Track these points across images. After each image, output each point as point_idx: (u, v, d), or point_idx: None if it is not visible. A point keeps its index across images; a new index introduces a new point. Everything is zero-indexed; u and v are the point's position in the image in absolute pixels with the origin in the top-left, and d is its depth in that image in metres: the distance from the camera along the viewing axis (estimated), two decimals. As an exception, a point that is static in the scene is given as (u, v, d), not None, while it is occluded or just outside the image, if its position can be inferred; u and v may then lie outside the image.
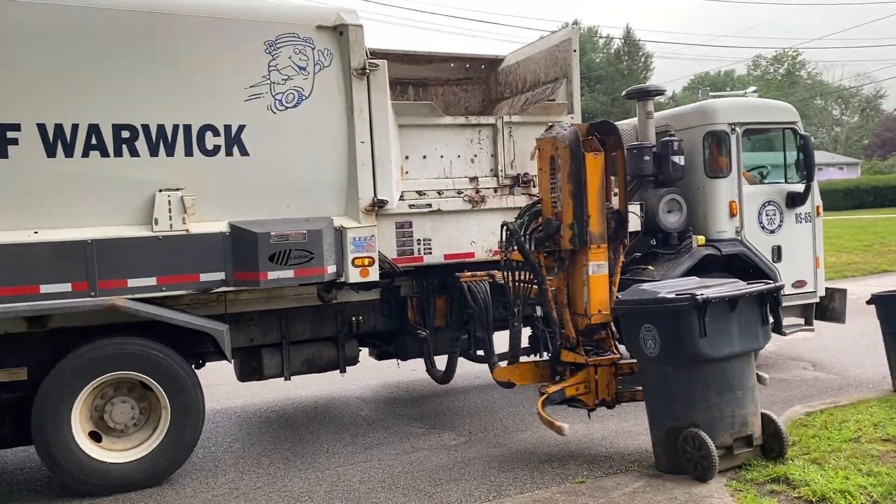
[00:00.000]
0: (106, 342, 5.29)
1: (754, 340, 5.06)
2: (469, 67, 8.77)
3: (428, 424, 6.84)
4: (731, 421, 4.96)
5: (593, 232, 5.60)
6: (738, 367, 4.98)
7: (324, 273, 5.73)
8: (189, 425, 5.48)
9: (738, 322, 4.93)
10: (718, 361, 4.89)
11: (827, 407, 6.40)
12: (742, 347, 4.97)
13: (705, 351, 4.82)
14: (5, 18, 4.96)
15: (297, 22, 5.82)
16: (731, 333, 4.89)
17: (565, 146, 5.59)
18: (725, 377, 4.92)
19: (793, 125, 7.98)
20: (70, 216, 5.18)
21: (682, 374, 4.96)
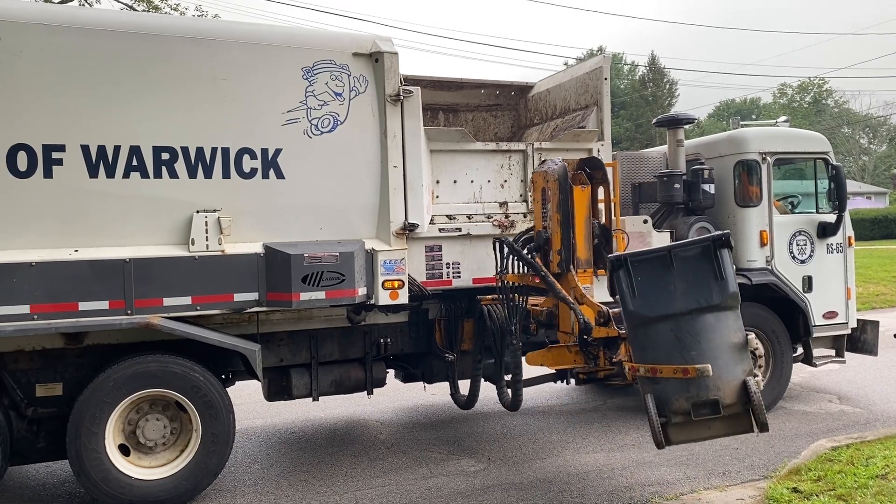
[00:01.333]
0: (150, 358, 5.38)
1: (706, 297, 4.71)
2: (499, 94, 8.86)
3: (447, 450, 6.83)
4: (686, 383, 4.65)
5: (580, 257, 6.04)
6: (692, 326, 4.70)
7: (354, 295, 5.79)
8: (216, 452, 5.52)
9: (682, 279, 4.74)
10: (661, 321, 4.74)
11: (853, 442, 6.30)
12: (689, 305, 4.70)
13: (638, 311, 4.80)
14: (52, 44, 5.13)
15: (335, 49, 5.95)
16: (671, 291, 4.73)
17: (555, 179, 6.01)
18: (673, 337, 4.70)
19: (824, 155, 7.95)
20: (109, 235, 5.29)
21: (631, 335, 4.96)
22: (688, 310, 4.72)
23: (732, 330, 4.79)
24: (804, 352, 7.92)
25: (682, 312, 4.73)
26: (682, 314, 4.73)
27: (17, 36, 5.04)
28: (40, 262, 5.02)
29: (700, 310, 4.71)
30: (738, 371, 4.71)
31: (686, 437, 4.81)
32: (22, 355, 5.42)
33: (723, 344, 4.73)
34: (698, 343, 4.69)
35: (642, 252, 5.10)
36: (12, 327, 4.92)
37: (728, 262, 4.79)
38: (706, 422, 4.71)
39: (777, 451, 6.41)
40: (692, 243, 4.92)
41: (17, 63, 5.03)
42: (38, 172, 5.10)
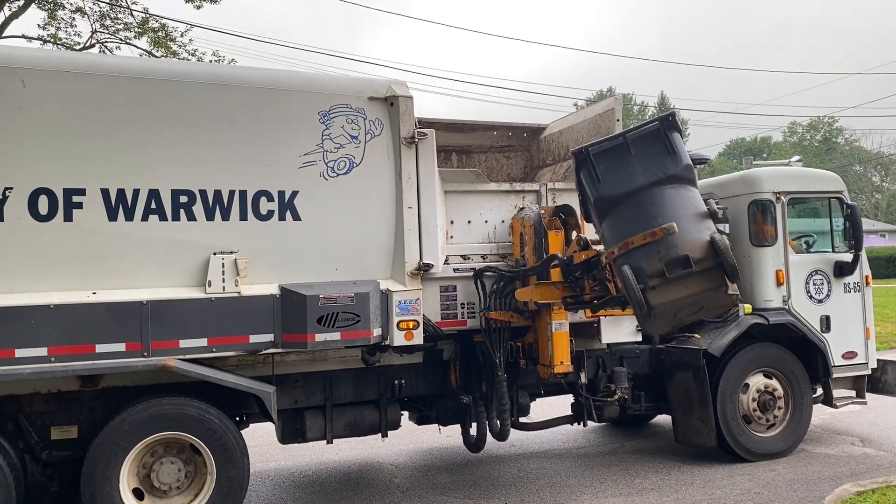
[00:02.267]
0: (166, 401, 5.37)
1: (663, 170, 5.38)
2: (511, 135, 8.93)
3: (463, 494, 6.72)
4: (657, 248, 5.10)
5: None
6: (654, 197, 5.31)
7: (370, 336, 5.78)
8: (231, 496, 5.46)
9: (640, 160, 5.41)
10: (625, 199, 5.41)
11: (879, 486, 6.14)
12: (648, 179, 5.37)
13: (604, 194, 5.51)
14: (74, 90, 5.23)
15: (351, 93, 6.04)
16: (631, 172, 5.42)
17: (531, 225, 6.51)
18: (638, 210, 5.31)
19: (838, 194, 7.94)
20: (127, 277, 5.33)
21: (604, 226, 5.61)
22: (647, 183, 5.33)
23: (692, 198, 5.37)
24: (824, 393, 7.81)
25: (643, 187, 5.33)
26: (643, 188, 5.33)
27: (40, 82, 5.15)
28: (59, 305, 5.05)
29: (658, 182, 5.33)
30: (702, 231, 5.16)
31: (665, 299, 5.12)
32: (38, 398, 5.43)
33: (684, 209, 5.22)
34: (662, 210, 5.19)
35: (599, 142, 5.75)
36: (30, 369, 4.94)
37: (678, 141, 5.48)
38: (681, 280, 5.06)
39: (800, 495, 6.28)
40: (642, 126, 5.57)
41: (40, 109, 5.14)
42: (58, 216, 5.16)
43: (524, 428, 7.34)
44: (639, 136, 5.51)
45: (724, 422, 7.15)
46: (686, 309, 5.33)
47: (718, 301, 5.34)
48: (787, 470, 6.99)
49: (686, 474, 6.99)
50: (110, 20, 18.27)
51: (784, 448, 7.41)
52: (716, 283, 5.10)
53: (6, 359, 4.91)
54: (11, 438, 5.27)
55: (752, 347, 7.38)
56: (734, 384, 7.25)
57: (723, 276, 5.07)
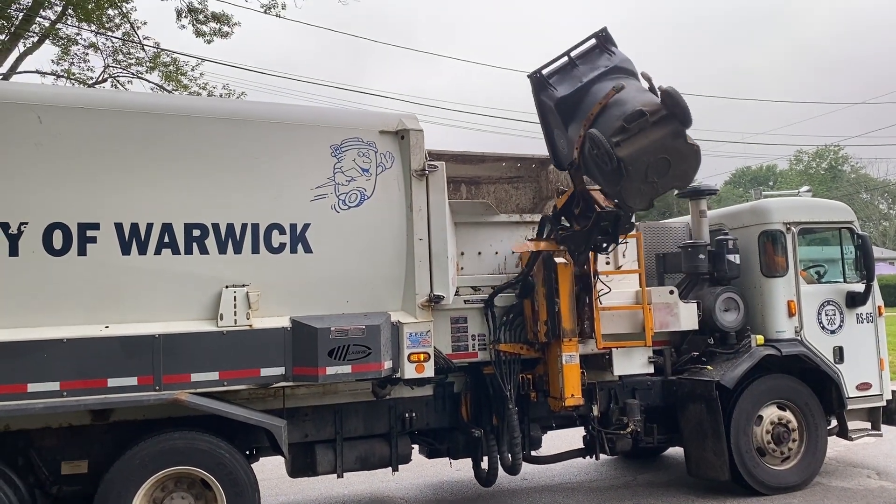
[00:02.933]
0: (177, 435, 5.35)
1: (604, 65, 6.36)
2: (520, 166, 8.96)
3: (476, 528, 6.65)
4: (615, 115, 5.84)
5: (565, 327, 6.40)
6: (601, 85, 6.14)
7: (380, 369, 5.76)
8: None
9: (585, 67, 6.40)
10: (579, 92, 6.27)
11: None
12: (595, 74, 6.33)
13: (562, 95, 6.38)
14: (88, 126, 5.31)
15: (362, 127, 6.10)
16: (580, 76, 6.33)
17: (540, 256, 6.50)
18: (591, 97, 6.14)
19: (849, 225, 7.93)
20: (139, 311, 5.34)
21: (567, 122, 6.43)
22: (594, 76, 6.19)
23: (635, 82, 6.17)
24: (839, 425, 7.71)
25: (592, 80, 6.18)
26: (592, 81, 6.18)
27: (56, 119, 5.22)
28: (71, 339, 5.06)
29: (602, 74, 6.21)
30: (652, 93, 5.91)
31: (630, 150, 5.62)
32: (49, 432, 5.42)
33: (630, 85, 6.02)
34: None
35: (548, 64, 6.51)
36: (42, 404, 4.93)
37: (614, 47, 6.41)
38: (641, 132, 5.61)
39: (817, 529, 6.18)
40: (581, 44, 6.46)
41: (55, 144, 5.20)
42: (72, 250, 5.20)
43: (536, 461, 7.27)
44: (581, 52, 6.45)
45: (738, 454, 7.06)
46: (654, 165, 5.77)
47: (682, 151, 5.80)
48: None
49: None
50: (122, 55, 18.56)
51: (799, 481, 7.30)
52: (674, 129, 5.68)
53: (19, 393, 4.91)
54: (22, 473, 5.25)
55: (765, 379, 7.32)
56: (747, 416, 7.18)
57: (677, 121, 5.66)
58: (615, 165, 5.61)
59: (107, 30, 17.81)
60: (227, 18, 18.26)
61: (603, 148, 5.61)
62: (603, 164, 5.69)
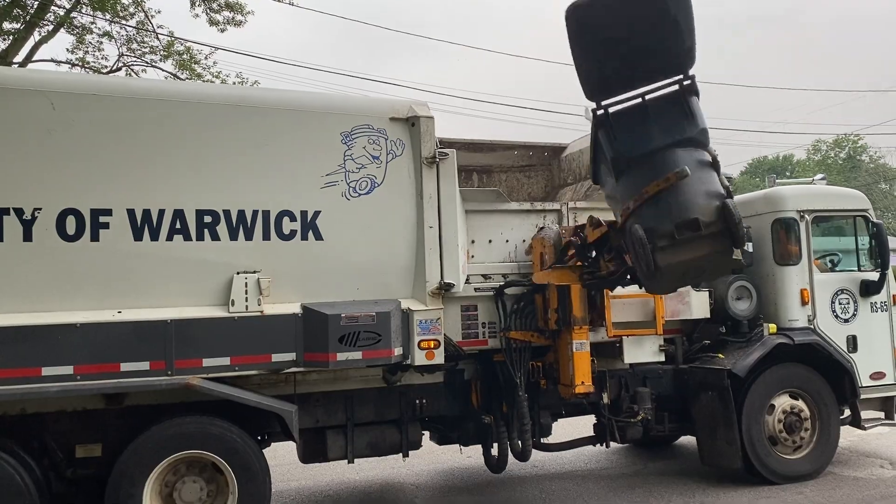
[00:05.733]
0: (189, 420, 5.41)
1: (679, 132, 5.43)
2: (532, 155, 8.95)
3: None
4: (668, 210, 5.20)
5: (576, 315, 6.39)
6: (669, 158, 5.34)
7: (391, 355, 5.78)
8: None
9: (657, 122, 5.44)
10: (641, 159, 5.44)
11: None
12: (665, 141, 5.40)
13: (622, 152, 5.52)
14: (101, 112, 5.34)
15: (372, 114, 6.10)
16: (649, 134, 5.43)
17: (550, 244, 6.50)
18: (652, 168, 5.35)
19: (864, 213, 7.85)
20: (152, 297, 5.39)
21: (619, 185, 5.65)
22: (664, 144, 5.37)
23: (705, 161, 5.42)
24: (852, 414, 7.65)
25: (660, 148, 5.36)
26: (660, 149, 5.37)
27: (69, 105, 5.26)
28: (84, 324, 5.12)
29: (675, 143, 5.37)
30: (714, 194, 5.24)
31: (673, 260, 5.21)
32: (63, 416, 5.48)
33: (697, 166, 5.29)
34: (676, 167, 5.22)
35: (619, 100, 5.63)
36: (56, 388, 5.00)
37: (696, 104, 5.48)
38: (689, 242, 5.16)
39: (828, 519, 6.16)
40: (661, 88, 5.52)
41: (69, 131, 5.25)
42: (85, 236, 5.24)
43: (546, 448, 7.28)
44: (658, 98, 5.55)
45: (750, 443, 7.03)
46: (691, 271, 5.48)
47: (723, 265, 5.50)
48: (814, 493, 6.85)
49: (711, 497, 6.88)
50: (137, 44, 18.61)
51: (811, 470, 7.28)
52: (723, 248, 5.24)
53: (34, 377, 4.97)
54: (37, 456, 5.32)
55: (778, 368, 7.28)
56: (759, 405, 7.15)
57: (730, 240, 5.22)
58: (651, 270, 5.22)
59: (121, 18, 17.86)
60: (240, 7, 18.24)
61: (644, 251, 5.19)
62: (639, 259, 5.29)
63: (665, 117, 5.45)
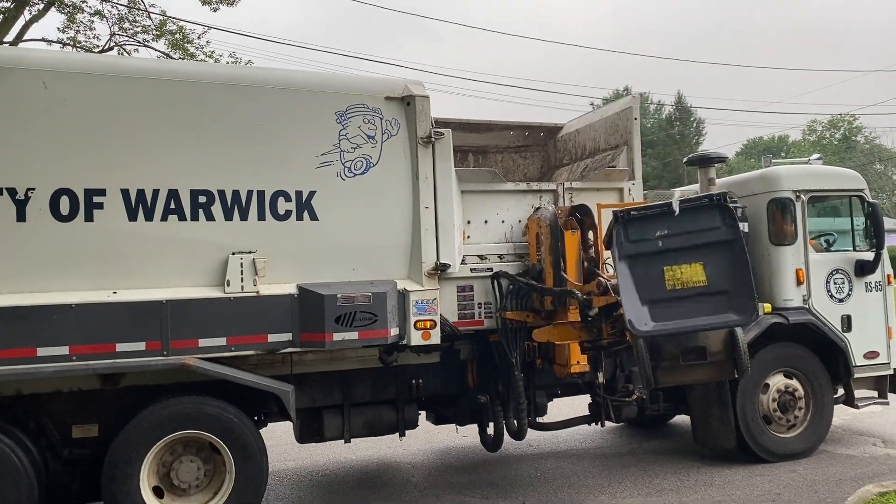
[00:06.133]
0: (186, 400, 5.40)
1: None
2: (528, 135, 8.91)
3: (481, 493, 6.71)
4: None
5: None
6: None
7: (387, 335, 5.79)
8: (250, 495, 5.49)
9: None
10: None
11: None
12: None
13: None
14: (94, 92, 5.29)
15: (367, 93, 6.05)
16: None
17: (547, 225, 6.47)
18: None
19: (860, 193, 7.84)
20: (147, 277, 5.37)
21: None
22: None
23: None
24: (845, 393, 7.70)
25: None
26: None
27: (62, 85, 5.21)
28: (79, 304, 5.10)
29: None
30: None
31: (672, 380, 5.31)
32: (59, 397, 5.48)
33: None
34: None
35: (644, 207, 5.69)
36: (52, 368, 4.99)
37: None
38: (692, 367, 5.18)
39: (821, 496, 6.21)
40: (698, 199, 5.55)
41: (61, 111, 5.20)
42: (79, 216, 5.21)
43: (541, 428, 7.32)
44: (687, 206, 5.51)
45: (744, 422, 7.08)
46: (689, 383, 5.58)
47: (720, 380, 5.56)
48: (807, 471, 6.92)
49: (705, 475, 6.93)
50: (128, 23, 18.44)
51: (805, 449, 7.33)
52: (726, 375, 5.32)
53: (29, 357, 4.96)
54: (33, 436, 5.33)
55: (772, 347, 7.31)
56: (754, 384, 7.18)
57: (733, 369, 5.25)
58: (651, 386, 5.27)
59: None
60: (233, -14, 18.10)
61: (645, 369, 5.24)
62: (641, 369, 5.34)
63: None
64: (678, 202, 5.48)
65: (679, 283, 5.12)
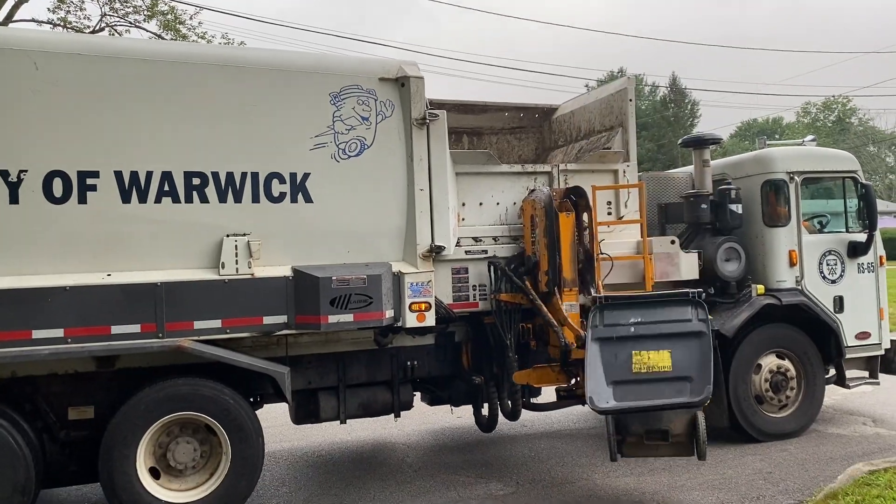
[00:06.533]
0: (182, 381, 5.41)
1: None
2: (523, 117, 8.89)
3: (475, 473, 6.76)
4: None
5: (566, 277, 6.42)
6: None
7: (382, 317, 5.80)
8: (246, 476, 5.52)
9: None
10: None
11: (892, 465, 6.15)
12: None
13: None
14: (87, 72, 5.25)
15: (361, 74, 6.02)
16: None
17: (541, 207, 6.42)
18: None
19: (853, 174, 7.87)
20: (141, 259, 5.36)
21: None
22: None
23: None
24: (837, 373, 7.78)
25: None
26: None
27: (53, 65, 5.16)
28: (74, 287, 5.10)
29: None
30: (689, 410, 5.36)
31: (635, 454, 5.52)
32: (55, 379, 5.49)
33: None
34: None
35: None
36: (47, 350, 4.99)
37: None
38: (655, 445, 5.41)
39: (812, 475, 6.29)
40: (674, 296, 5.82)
41: (53, 92, 5.16)
42: (72, 198, 5.19)
43: (535, 408, 7.35)
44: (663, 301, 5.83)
45: (736, 402, 7.15)
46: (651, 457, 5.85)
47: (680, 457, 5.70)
48: (798, 450, 7.00)
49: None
50: (120, 3, 18.26)
51: (796, 428, 7.41)
52: (685, 454, 5.46)
53: (24, 340, 4.96)
54: (29, 418, 5.34)
55: (765, 328, 7.36)
56: (746, 365, 7.25)
57: (693, 450, 5.38)
58: (613, 453, 5.43)
59: (103, -23, 17.52)
60: (225, -34, 17.91)
61: (610, 442, 5.40)
62: (607, 438, 5.49)
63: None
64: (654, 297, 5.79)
65: (645, 367, 5.35)
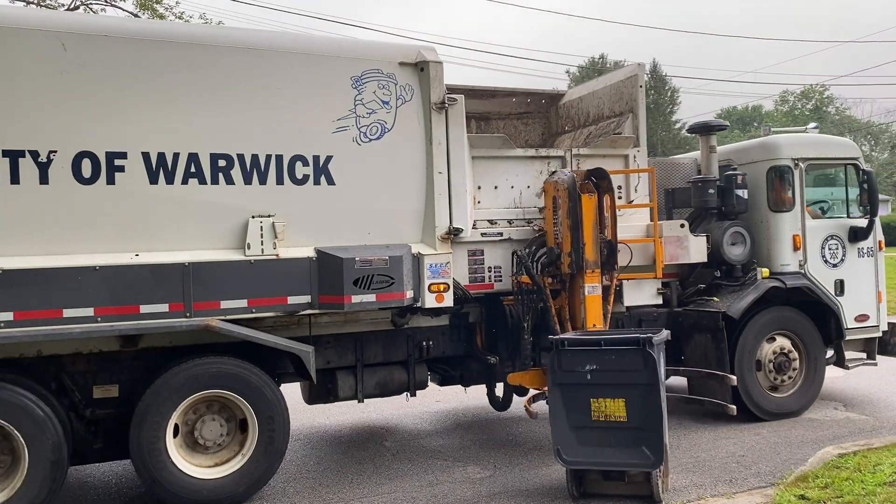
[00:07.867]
0: (210, 360, 5.48)
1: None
2: (530, 102, 8.98)
3: (453, 457, 6.82)
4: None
5: (588, 259, 6.48)
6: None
7: (403, 298, 5.90)
8: (271, 454, 5.62)
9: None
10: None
11: (860, 449, 6.23)
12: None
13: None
14: (116, 55, 5.27)
15: (382, 59, 6.08)
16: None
17: (564, 188, 6.46)
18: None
19: (855, 161, 8.07)
20: (168, 240, 5.41)
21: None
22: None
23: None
24: (836, 354, 8.00)
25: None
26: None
27: (82, 47, 5.17)
28: (103, 266, 5.14)
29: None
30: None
31: (596, 490, 5.59)
32: (79, 358, 5.53)
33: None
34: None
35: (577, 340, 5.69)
36: (79, 329, 5.04)
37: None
38: (614, 483, 5.55)
39: (783, 458, 6.35)
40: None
41: (82, 73, 5.17)
42: (101, 179, 5.23)
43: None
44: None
45: (742, 382, 7.30)
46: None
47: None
48: (771, 434, 7.08)
49: (672, 439, 6.77)
50: (97, -19, 17.95)
51: (798, 407, 7.62)
52: (643, 492, 5.50)
53: (55, 318, 5.00)
54: (56, 395, 5.38)
55: (769, 310, 7.55)
56: (751, 346, 7.43)
57: (650, 488, 5.44)
58: (572, 497, 5.54)
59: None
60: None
61: (567, 482, 5.57)
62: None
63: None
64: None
65: (603, 414, 5.42)
